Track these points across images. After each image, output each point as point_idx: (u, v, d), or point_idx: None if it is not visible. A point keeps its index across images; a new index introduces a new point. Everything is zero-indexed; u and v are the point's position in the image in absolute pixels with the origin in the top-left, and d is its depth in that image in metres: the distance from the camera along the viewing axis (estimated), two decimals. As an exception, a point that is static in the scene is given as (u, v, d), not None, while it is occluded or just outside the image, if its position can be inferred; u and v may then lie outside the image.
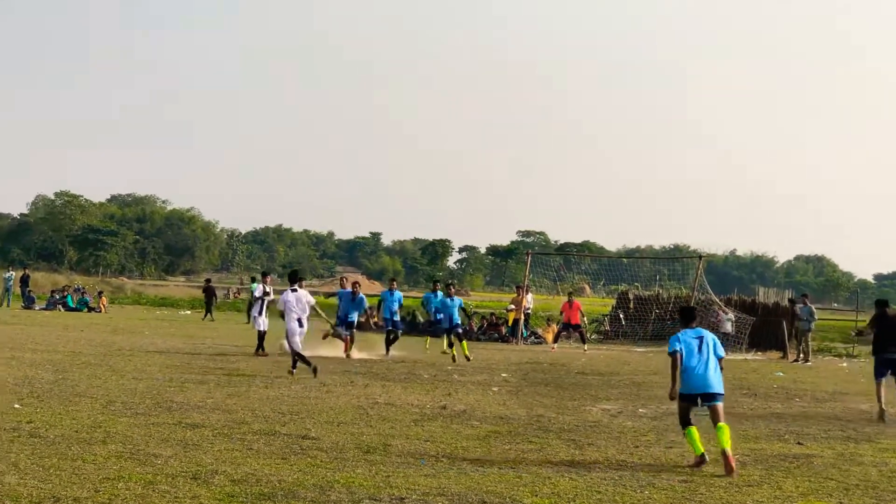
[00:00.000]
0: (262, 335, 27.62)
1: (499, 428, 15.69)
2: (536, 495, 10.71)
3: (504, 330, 43.89)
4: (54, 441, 12.52)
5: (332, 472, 11.40)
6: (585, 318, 42.12)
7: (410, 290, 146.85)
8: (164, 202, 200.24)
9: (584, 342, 39.06)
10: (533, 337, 43.33)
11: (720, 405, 13.24)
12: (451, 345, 30.25)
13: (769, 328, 42.23)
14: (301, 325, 22.67)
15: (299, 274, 24.27)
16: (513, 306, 43.64)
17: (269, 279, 29.94)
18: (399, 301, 31.00)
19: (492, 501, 10.32)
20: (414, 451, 13.14)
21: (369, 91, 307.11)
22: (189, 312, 56.31)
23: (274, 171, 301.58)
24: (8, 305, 53.80)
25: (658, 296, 49.18)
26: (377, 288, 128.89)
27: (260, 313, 28.23)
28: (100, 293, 59.02)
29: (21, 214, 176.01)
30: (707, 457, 12.91)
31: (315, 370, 21.67)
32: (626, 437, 15.26)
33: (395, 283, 33.96)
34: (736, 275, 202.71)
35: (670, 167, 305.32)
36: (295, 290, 22.92)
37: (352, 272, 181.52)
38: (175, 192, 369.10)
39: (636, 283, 60.13)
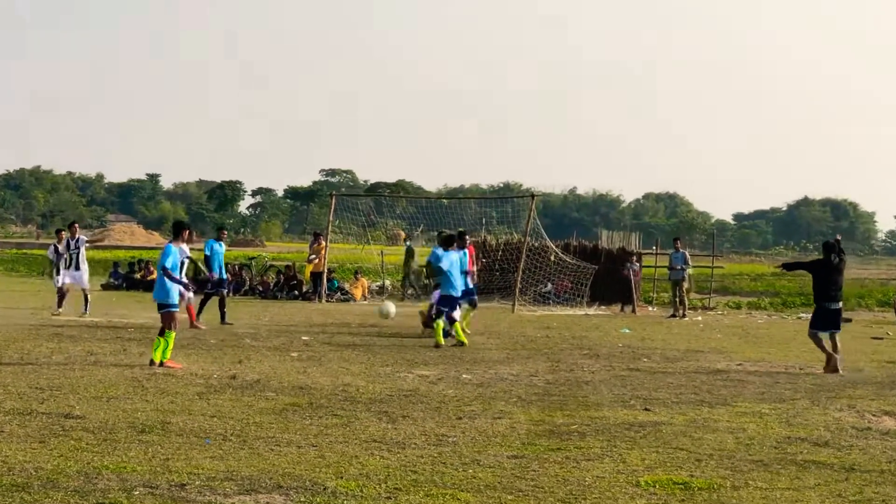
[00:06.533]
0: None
1: (298, 400, 15.67)
2: (342, 477, 10.70)
3: (305, 286, 43.72)
4: None
5: (100, 457, 11.24)
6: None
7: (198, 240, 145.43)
8: None
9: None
10: (339, 294, 43.27)
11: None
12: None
13: (614, 278, 42.87)
14: None
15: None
16: (314, 257, 43.07)
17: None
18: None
19: (289, 485, 10.29)
20: (197, 428, 13.05)
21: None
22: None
23: (28, 102, 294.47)
24: None
25: (485, 242, 49.32)
26: (156, 239, 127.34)
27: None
28: None
29: None
30: (441, 344, 23.61)
31: None
32: (448, 408, 15.35)
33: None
34: (576, 216, 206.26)
35: (494, 95, 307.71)
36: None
37: (125, 220, 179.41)
38: None
39: (460, 229, 60.42)
